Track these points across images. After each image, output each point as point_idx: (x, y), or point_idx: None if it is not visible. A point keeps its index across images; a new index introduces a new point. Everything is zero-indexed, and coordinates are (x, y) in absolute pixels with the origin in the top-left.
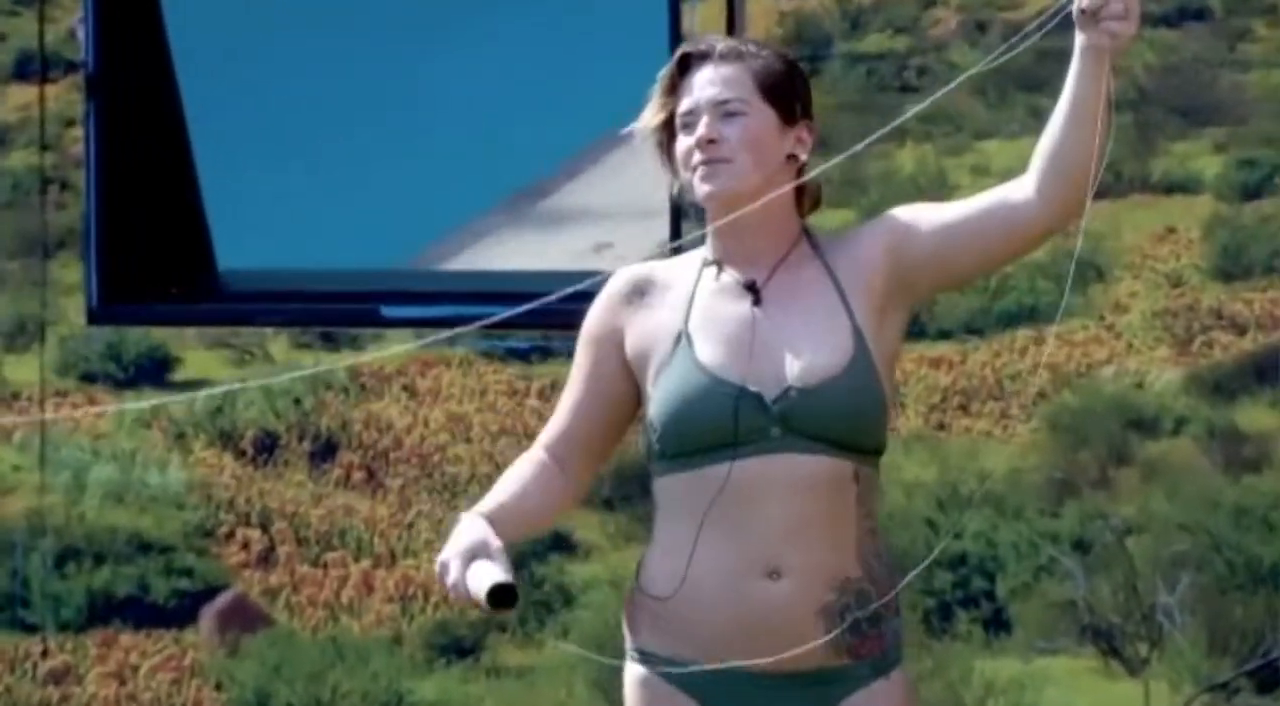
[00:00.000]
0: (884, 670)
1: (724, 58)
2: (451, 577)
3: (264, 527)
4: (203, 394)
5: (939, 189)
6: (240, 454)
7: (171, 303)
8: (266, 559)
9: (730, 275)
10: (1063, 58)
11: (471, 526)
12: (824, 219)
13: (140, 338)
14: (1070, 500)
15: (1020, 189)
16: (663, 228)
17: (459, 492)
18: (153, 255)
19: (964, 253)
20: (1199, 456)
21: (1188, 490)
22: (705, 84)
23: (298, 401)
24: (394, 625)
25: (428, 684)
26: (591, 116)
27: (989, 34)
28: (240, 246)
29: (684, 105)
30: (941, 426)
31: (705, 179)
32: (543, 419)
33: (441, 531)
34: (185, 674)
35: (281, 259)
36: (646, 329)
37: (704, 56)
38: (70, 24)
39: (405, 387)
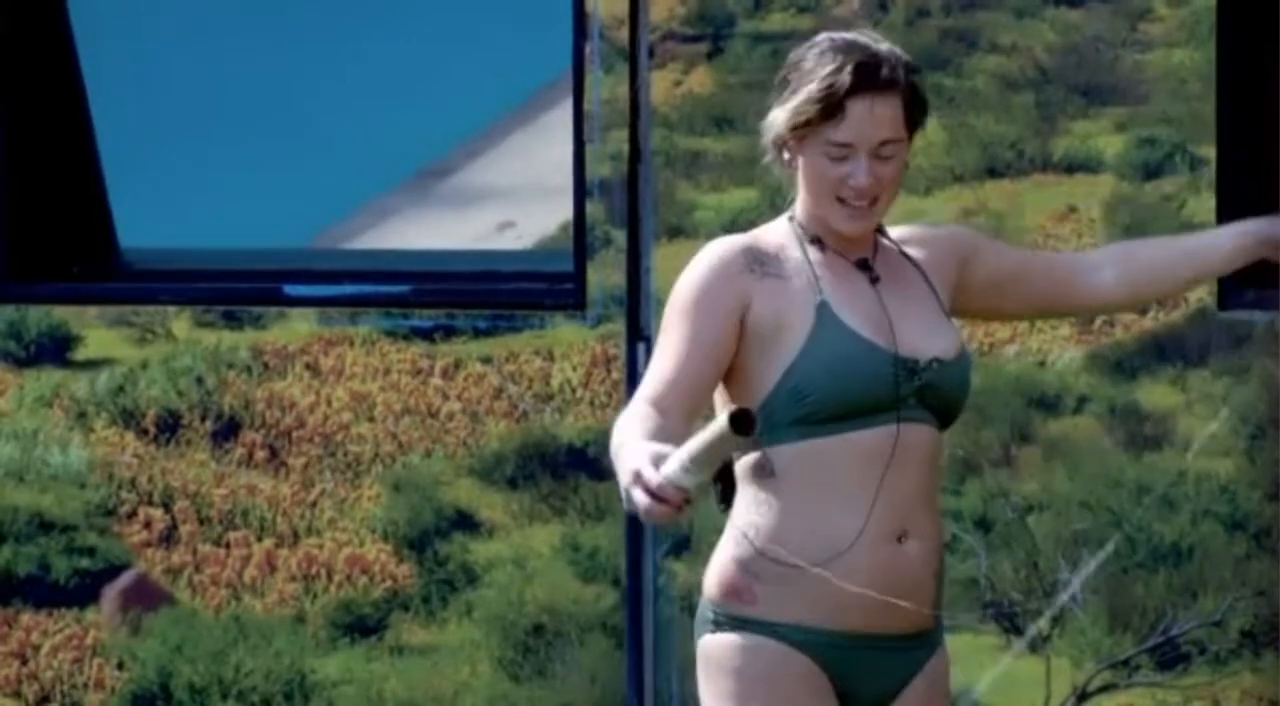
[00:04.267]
0: (944, 637)
1: (888, 88)
2: (650, 473)
3: (166, 507)
4: None
5: None
6: (142, 433)
7: (73, 281)
8: (168, 538)
9: (834, 250)
10: (965, 37)
11: (636, 446)
12: (729, 198)
13: (41, 316)
14: (972, 478)
15: (1095, 269)
16: (566, 207)
17: (362, 471)
18: (54, 233)
19: (1016, 297)
20: (1101, 434)
21: (1089, 468)
22: (868, 121)
23: (200, 380)
24: (297, 604)
25: (331, 662)
26: (494, 96)
27: (892, 12)
28: (142, 225)
29: (842, 135)
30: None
31: (852, 219)
32: (446, 397)
33: (344, 509)
34: (87, 653)
35: (184, 238)
36: (778, 298)
37: (867, 87)
38: None
39: (308, 366)
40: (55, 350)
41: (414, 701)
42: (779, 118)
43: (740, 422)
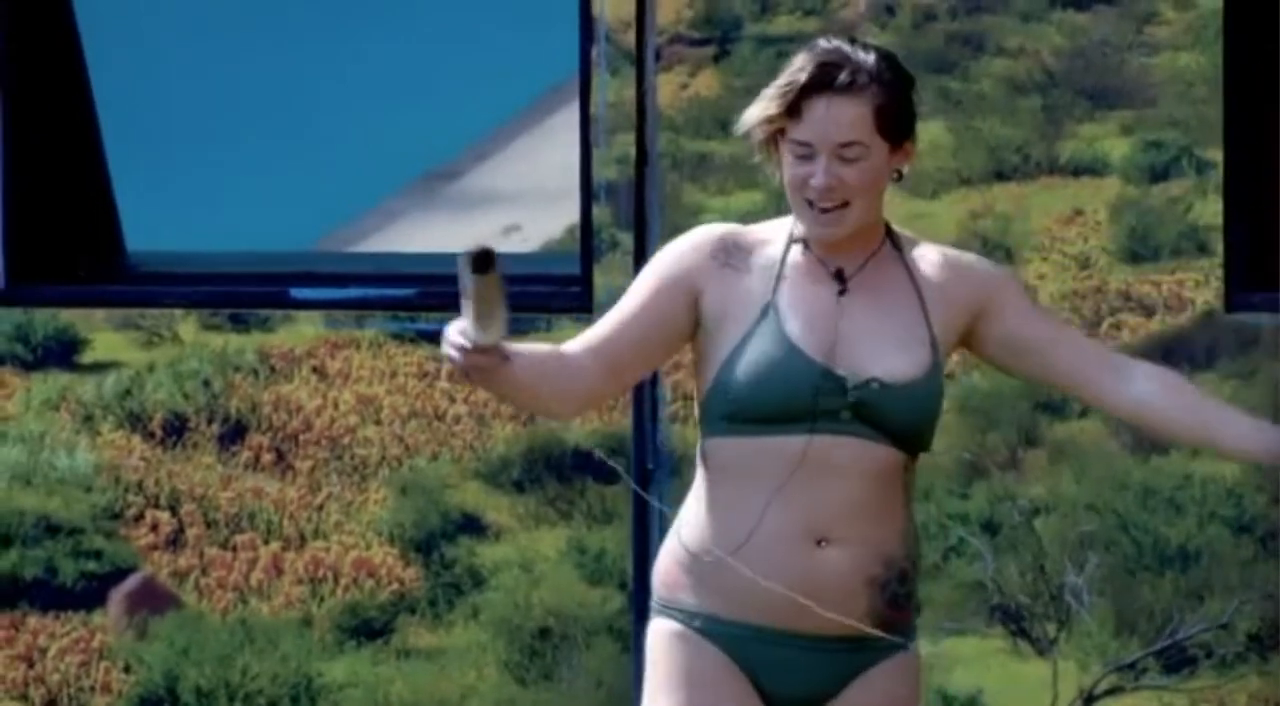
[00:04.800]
0: (905, 645)
1: (847, 90)
2: (451, 331)
3: (173, 510)
4: None
5: None
6: (149, 436)
7: (80, 284)
8: (175, 541)
9: (818, 257)
10: (972, 40)
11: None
12: (735, 200)
13: (48, 319)
14: (979, 481)
15: (1125, 380)
16: (572, 210)
17: (368, 474)
18: (61, 236)
19: (1032, 366)
20: (1107, 438)
21: (1096, 471)
22: (826, 121)
23: (207, 383)
24: (303, 607)
25: (337, 666)
26: (500, 99)
27: (898, 16)
28: (149, 228)
29: (801, 133)
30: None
31: (822, 224)
32: (453, 401)
33: (351, 512)
34: (93, 656)
35: (191, 241)
36: (731, 292)
37: (827, 86)
38: None
39: (315, 369)
40: (62, 353)
41: (420, 704)
42: (749, 114)
43: (479, 261)
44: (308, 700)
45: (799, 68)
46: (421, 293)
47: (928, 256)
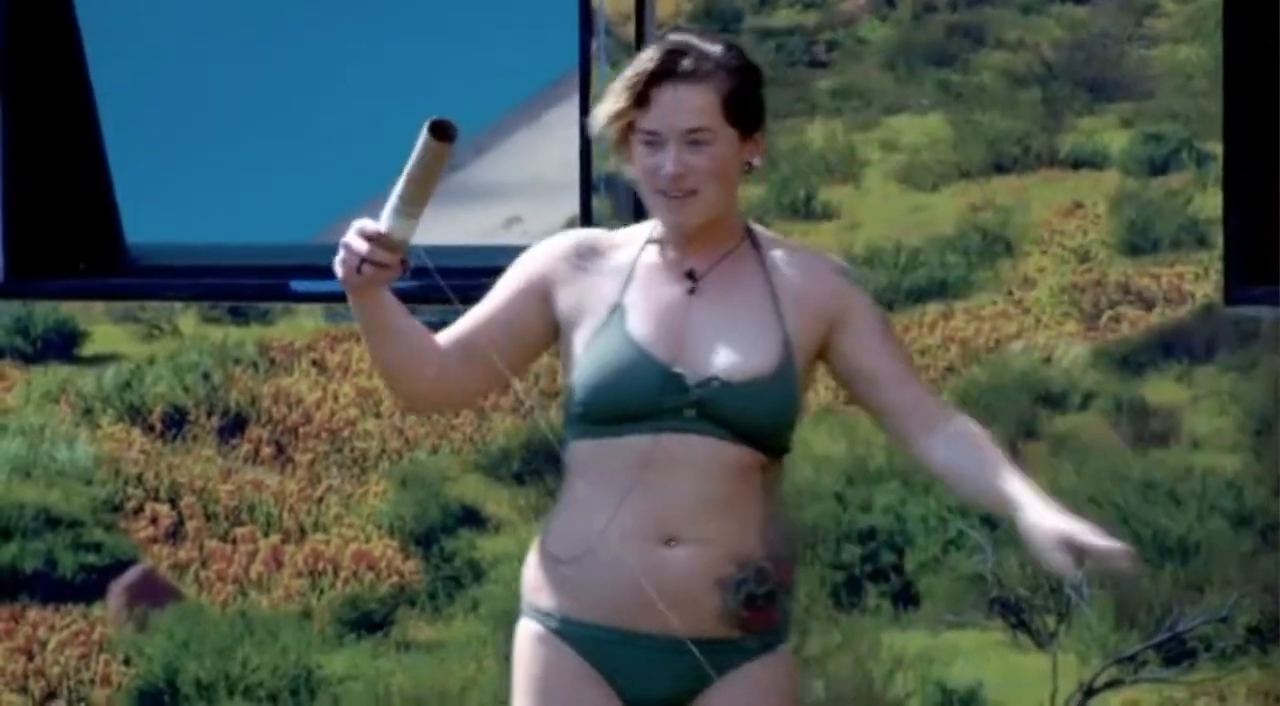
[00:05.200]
0: (772, 645)
1: (691, 76)
2: (362, 223)
3: (172, 502)
4: None
5: (848, 164)
6: (149, 428)
7: (79, 276)
8: (175, 534)
9: (672, 257)
10: (972, 33)
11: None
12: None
13: (48, 311)
14: None
15: (928, 438)
16: (572, 203)
17: (368, 467)
18: (60, 229)
19: (859, 394)
20: (1107, 430)
21: (1096, 464)
22: (673, 108)
23: (206, 376)
24: (303, 600)
25: (337, 658)
26: (500, 92)
27: (898, 9)
28: (148, 220)
29: (649, 122)
30: (851, 401)
31: (672, 211)
32: None
33: (351, 505)
34: (94, 649)
35: (190, 233)
36: (581, 294)
37: (672, 73)
38: None
39: (315, 362)
40: (62, 346)
41: (420, 697)
42: (599, 110)
43: (439, 129)
44: (308, 692)
45: (646, 58)
46: (422, 285)
47: (787, 257)
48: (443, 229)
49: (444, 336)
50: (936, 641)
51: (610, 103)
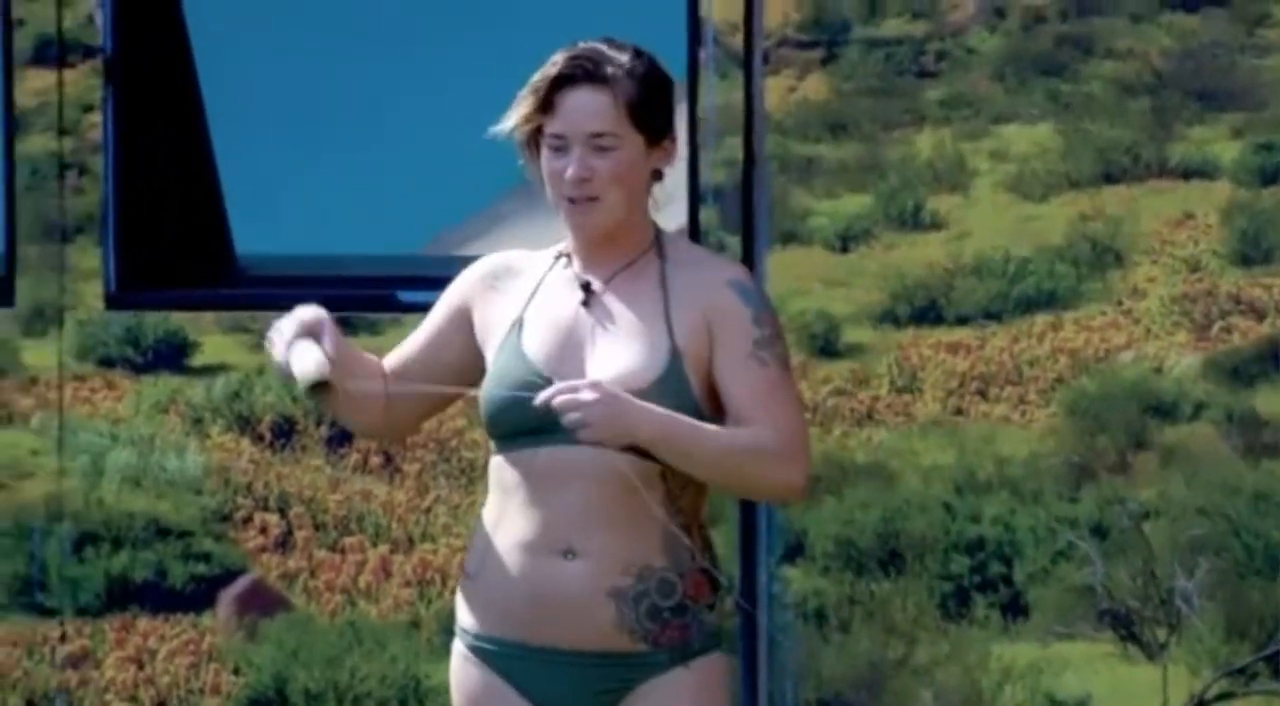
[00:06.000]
0: (685, 659)
1: (596, 81)
2: (280, 342)
3: (282, 512)
4: None
5: (957, 174)
6: (258, 438)
7: (190, 287)
8: (284, 543)
9: (575, 270)
10: (1081, 42)
11: (312, 309)
12: (842, 204)
13: (158, 322)
14: (1088, 485)
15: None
16: (680, 212)
17: (476, 477)
18: (171, 240)
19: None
20: (1217, 441)
21: (1206, 475)
22: (577, 112)
23: None
24: (411, 610)
25: (444, 667)
26: None
27: (1008, 19)
28: (258, 231)
29: (555, 126)
30: (959, 411)
31: (576, 215)
32: None
33: (459, 515)
34: (203, 658)
35: (299, 244)
36: (492, 313)
37: (578, 78)
38: (88, 9)
39: None
40: (172, 356)
41: None
42: (508, 115)
43: (314, 388)
44: (415, 701)
45: (552, 63)
46: None
47: (689, 266)
48: (550, 240)
49: (388, 360)
50: (1045, 653)
51: (517, 108)
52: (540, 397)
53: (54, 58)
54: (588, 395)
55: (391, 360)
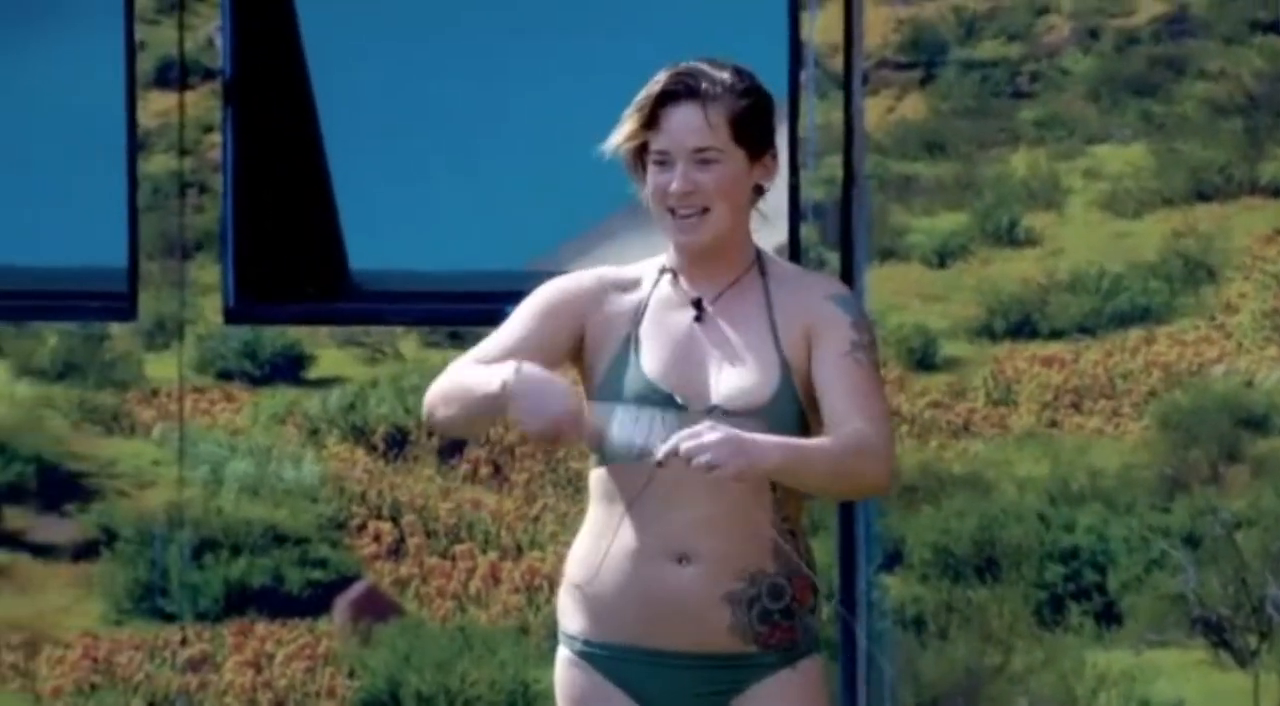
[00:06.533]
0: (792, 660)
1: (701, 98)
2: (585, 427)
3: (394, 520)
4: None
5: (1051, 192)
6: (372, 449)
7: (306, 302)
8: (397, 550)
9: (682, 287)
10: (1174, 64)
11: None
12: (938, 222)
13: (276, 336)
14: (1181, 495)
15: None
16: (781, 229)
17: (581, 486)
18: (288, 256)
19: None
20: None
21: None
22: (682, 128)
23: None
24: (520, 616)
25: (551, 672)
26: None
27: (1101, 40)
28: (372, 247)
29: (659, 142)
30: (1054, 424)
31: (682, 230)
32: None
33: (566, 523)
34: (319, 662)
35: (411, 260)
36: (603, 327)
37: (681, 95)
38: (209, 32)
39: None
40: (289, 369)
41: None
42: (614, 134)
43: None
44: (524, 705)
45: (655, 82)
46: None
47: (791, 283)
48: (654, 256)
49: (483, 358)
50: (1139, 660)
51: (622, 126)
52: (663, 450)
53: (175, 80)
54: (711, 437)
55: (494, 349)
